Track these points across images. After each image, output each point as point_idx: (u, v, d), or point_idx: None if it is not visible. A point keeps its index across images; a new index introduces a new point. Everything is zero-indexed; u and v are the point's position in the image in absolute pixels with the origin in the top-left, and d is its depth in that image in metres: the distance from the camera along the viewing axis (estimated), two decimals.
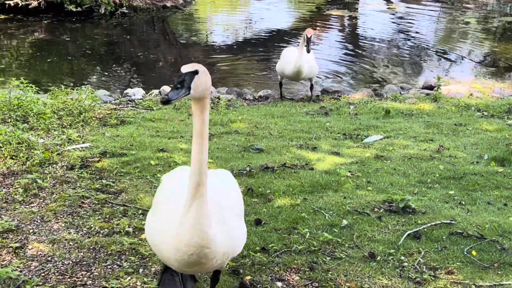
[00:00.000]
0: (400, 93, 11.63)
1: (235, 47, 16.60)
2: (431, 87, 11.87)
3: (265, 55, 15.85)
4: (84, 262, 4.90)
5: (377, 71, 14.62)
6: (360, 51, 16.77)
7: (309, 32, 10.19)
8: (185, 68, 3.45)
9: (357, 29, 19.98)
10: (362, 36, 18.69)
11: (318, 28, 18.96)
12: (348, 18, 21.28)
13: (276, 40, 17.56)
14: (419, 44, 17.43)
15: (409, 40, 18.07)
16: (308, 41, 10.16)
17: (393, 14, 22.24)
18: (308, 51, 10.22)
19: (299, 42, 10.22)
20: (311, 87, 11.29)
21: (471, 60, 15.67)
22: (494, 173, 7.11)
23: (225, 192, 4.15)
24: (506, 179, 6.97)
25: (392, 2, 24.17)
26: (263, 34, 18.30)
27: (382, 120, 9.53)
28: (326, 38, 18.25)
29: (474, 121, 9.54)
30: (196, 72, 3.43)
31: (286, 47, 16.55)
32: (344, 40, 18.27)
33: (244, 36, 18.25)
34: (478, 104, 10.51)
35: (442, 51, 16.57)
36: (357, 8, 22.91)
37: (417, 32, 19.17)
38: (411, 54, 16.25)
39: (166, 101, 3.27)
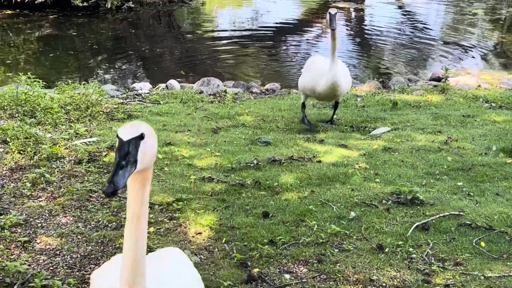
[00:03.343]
0: (407, 85, 11.58)
1: (241, 40, 16.56)
2: (438, 79, 11.82)
3: (272, 48, 15.81)
4: (93, 256, 4.92)
5: (384, 63, 14.57)
6: (367, 43, 16.73)
7: (332, 10, 8.08)
8: (126, 133, 2.49)
9: (364, 22, 19.91)
10: (369, 28, 18.63)
11: (324, 20, 18.89)
12: (354, 10, 21.21)
13: (283, 33, 17.51)
14: (426, 35, 17.36)
15: (416, 31, 18.00)
16: (332, 18, 7.99)
17: (400, 6, 22.16)
18: (334, 28, 7.97)
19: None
20: (336, 106, 8.95)
21: (479, 51, 15.58)
22: (503, 164, 7.08)
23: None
24: None
25: None
26: (270, 27, 18.24)
27: (390, 112, 9.50)
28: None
29: (482, 112, 9.50)
30: (141, 137, 2.52)
31: (292, 41, 16.70)
32: (351, 33, 18.21)
33: (250, 30, 18.21)
34: (486, 95, 10.46)
35: (449, 42, 16.49)
36: (363, 0, 22.82)
37: (424, 24, 19.10)
38: (418, 46, 16.17)
39: (112, 192, 2.40)
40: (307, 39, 16.69)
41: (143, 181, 2.62)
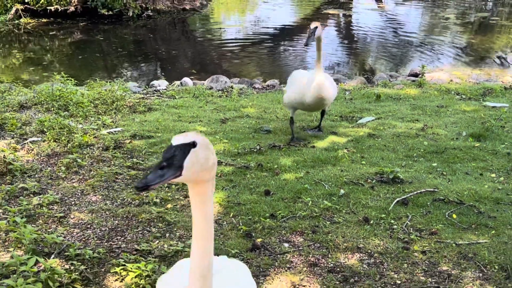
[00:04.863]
0: (389, 80, 11.54)
1: (245, 43, 16.50)
2: (416, 75, 11.78)
3: (272, 50, 15.75)
4: (119, 229, 4.94)
5: (369, 62, 14.52)
6: (354, 45, 16.65)
7: (313, 23, 7.17)
8: (178, 139, 2.13)
9: (352, 26, 19.81)
10: (356, 32, 18.54)
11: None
12: (343, 16, 21.10)
13: (282, 36, 17.45)
14: (405, 37, 17.27)
15: (397, 34, 17.90)
16: (311, 33, 7.08)
17: (383, 12, 22.03)
18: (306, 44, 7.15)
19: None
20: (323, 113, 7.81)
21: (451, 50, 15.50)
22: (471, 148, 7.07)
23: None
24: (481, 152, 6.93)
25: (381, 1, 23.92)
26: (270, 31, 18.17)
27: (374, 104, 9.47)
28: (324, 34, 18.09)
29: (454, 103, 9.46)
30: (192, 145, 2.13)
31: (289, 43, 16.62)
32: (340, 36, 18.12)
33: (253, 33, 18.14)
34: (457, 89, 10.42)
35: (425, 43, 16.40)
36: (351, 7, 22.70)
37: (403, 27, 18.99)
38: (398, 46, 16.10)
39: (142, 188, 2.01)
40: (302, 41, 16.60)
41: (200, 196, 2.21)
